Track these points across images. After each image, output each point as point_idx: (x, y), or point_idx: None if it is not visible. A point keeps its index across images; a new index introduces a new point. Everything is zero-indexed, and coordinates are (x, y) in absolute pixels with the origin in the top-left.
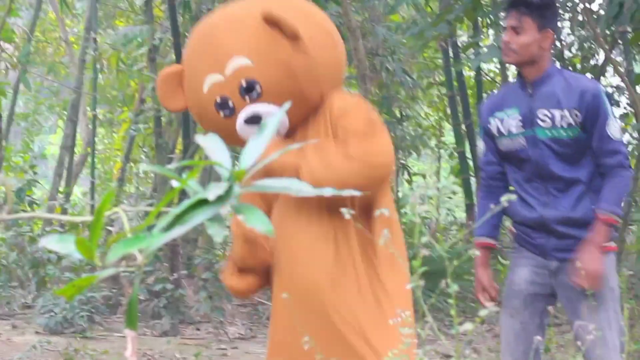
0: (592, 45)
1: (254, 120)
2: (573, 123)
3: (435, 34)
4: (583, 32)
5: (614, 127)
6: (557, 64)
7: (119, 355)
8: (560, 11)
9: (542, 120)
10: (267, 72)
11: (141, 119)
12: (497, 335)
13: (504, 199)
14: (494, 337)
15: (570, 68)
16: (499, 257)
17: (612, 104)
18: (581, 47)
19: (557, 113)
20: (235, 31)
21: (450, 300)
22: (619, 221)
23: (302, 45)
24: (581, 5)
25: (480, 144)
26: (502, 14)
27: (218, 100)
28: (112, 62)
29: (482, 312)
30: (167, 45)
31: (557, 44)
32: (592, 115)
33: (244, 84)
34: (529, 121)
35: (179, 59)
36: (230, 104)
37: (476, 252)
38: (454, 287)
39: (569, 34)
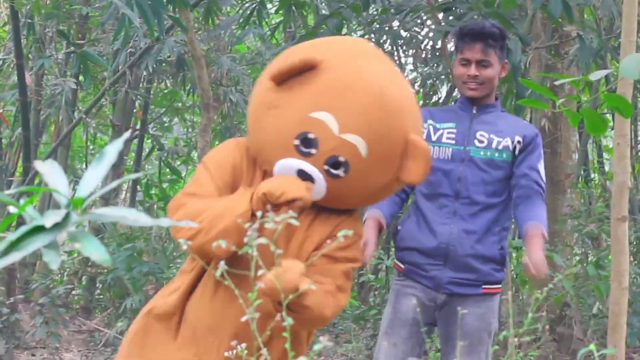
0: (435, 82)
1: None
2: (510, 147)
3: None
4: (426, 69)
5: (543, 170)
6: None
7: None
8: (404, 47)
9: (480, 141)
10: None
11: None
12: None
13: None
14: None
15: None
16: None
17: None
18: (423, 84)
19: (495, 137)
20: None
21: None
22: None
23: None
24: (427, 42)
25: None
26: (458, 43)
27: None
28: None
29: (316, 347)
30: (10, 66)
31: None
32: (530, 148)
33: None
34: (464, 137)
35: (21, 81)
36: None
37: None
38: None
39: (412, 70)
